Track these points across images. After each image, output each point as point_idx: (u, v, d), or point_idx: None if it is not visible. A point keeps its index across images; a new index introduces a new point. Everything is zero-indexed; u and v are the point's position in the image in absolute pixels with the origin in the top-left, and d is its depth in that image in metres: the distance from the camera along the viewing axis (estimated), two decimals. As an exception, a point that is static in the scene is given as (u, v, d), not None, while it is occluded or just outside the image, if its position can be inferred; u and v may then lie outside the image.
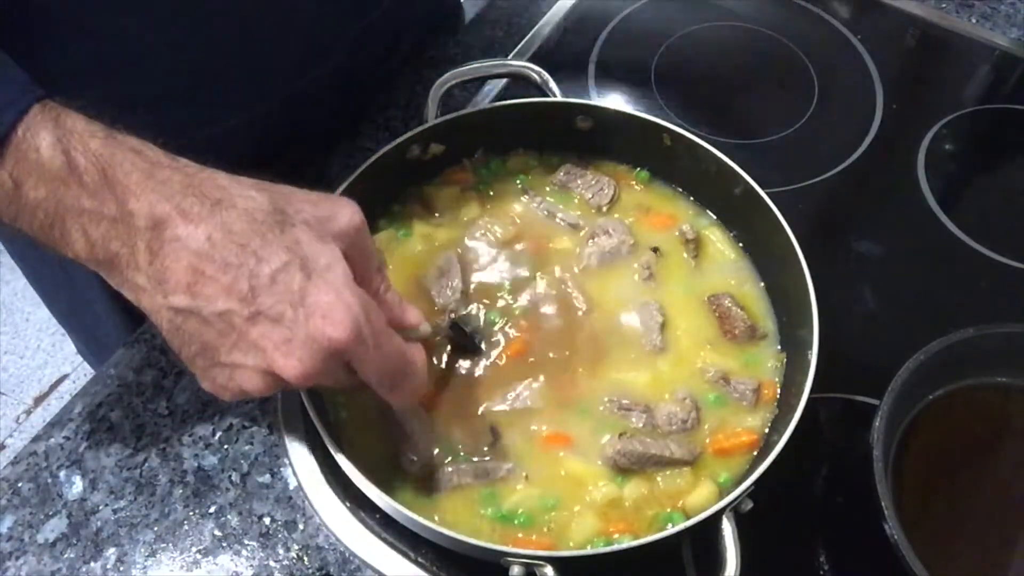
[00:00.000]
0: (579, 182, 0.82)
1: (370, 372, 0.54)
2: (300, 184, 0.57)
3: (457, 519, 0.63)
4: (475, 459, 0.66)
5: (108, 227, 0.50)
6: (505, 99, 0.94)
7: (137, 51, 0.68)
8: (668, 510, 0.64)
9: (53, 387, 2.01)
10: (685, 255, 0.77)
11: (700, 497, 0.64)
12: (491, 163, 0.83)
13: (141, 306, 0.52)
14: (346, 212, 0.55)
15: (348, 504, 0.69)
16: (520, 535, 0.63)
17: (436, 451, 0.66)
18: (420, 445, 0.65)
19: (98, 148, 0.50)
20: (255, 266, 0.50)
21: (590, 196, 0.81)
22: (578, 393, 0.69)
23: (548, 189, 0.82)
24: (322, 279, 0.51)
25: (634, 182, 0.83)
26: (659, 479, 0.65)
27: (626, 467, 0.65)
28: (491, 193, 0.82)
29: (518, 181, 0.82)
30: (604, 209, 0.80)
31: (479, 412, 0.68)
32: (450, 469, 0.65)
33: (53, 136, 0.49)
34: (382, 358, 0.53)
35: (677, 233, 0.78)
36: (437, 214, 0.80)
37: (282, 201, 0.53)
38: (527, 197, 0.81)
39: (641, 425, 0.67)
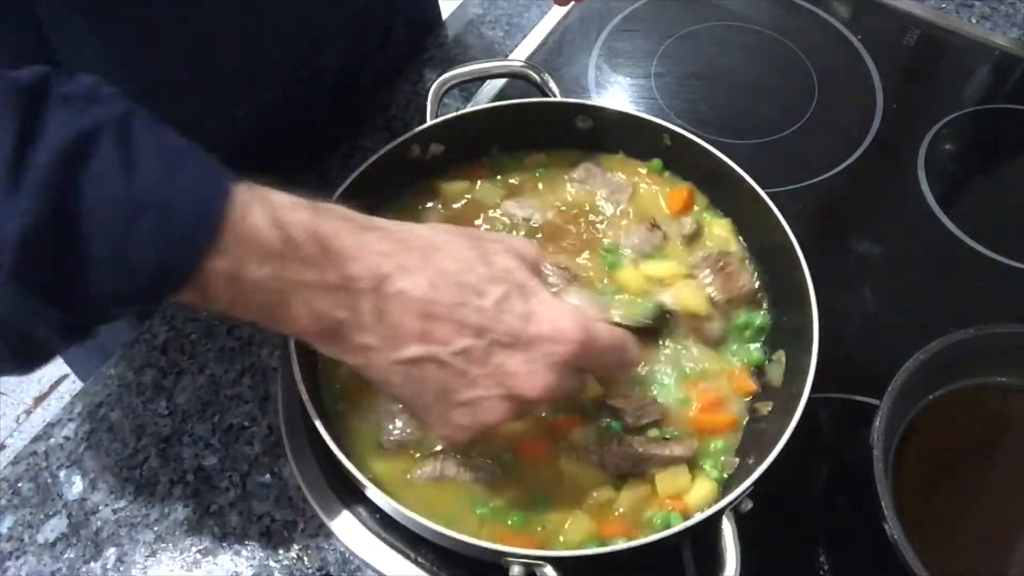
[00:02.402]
0: (597, 180, 0.81)
1: (602, 365, 0.58)
2: (301, 185, 0.56)
3: (449, 515, 0.63)
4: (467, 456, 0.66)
5: (332, 296, 0.50)
6: (505, 99, 0.94)
7: (144, 41, 0.68)
8: (667, 511, 0.64)
9: (53, 387, 2.01)
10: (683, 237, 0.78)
11: (699, 496, 0.64)
12: (506, 159, 0.83)
13: (369, 369, 0.53)
14: (526, 243, 0.59)
15: (348, 504, 0.69)
16: (512, 535, 0.63)
17: (411, 431, 0.66)
18: (401, 419, 0.66)
19: (309, 220, 0.49)
20: (479, 300, 0.52)
21: (608, 194, 0.80)
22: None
23: (568, 187, 0.82)
24: (538, 298, 0.54)
25: (650, 184, 0.82)
26: (657, 482, 0.65)
27: (627, 471, 0.65)
28: (511, 181, 0.82)
29: (537, 173, 0.82)
30: (619, 209, 0.79)
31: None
32: (439, 462, 0.65)
33: (266, 213, 0.47)
34: (609, 349, 0.56)
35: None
36: (455, 204, 0.80)
37: (476, 238, 0.56)
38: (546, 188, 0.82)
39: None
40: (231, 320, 0.79)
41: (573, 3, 0.90)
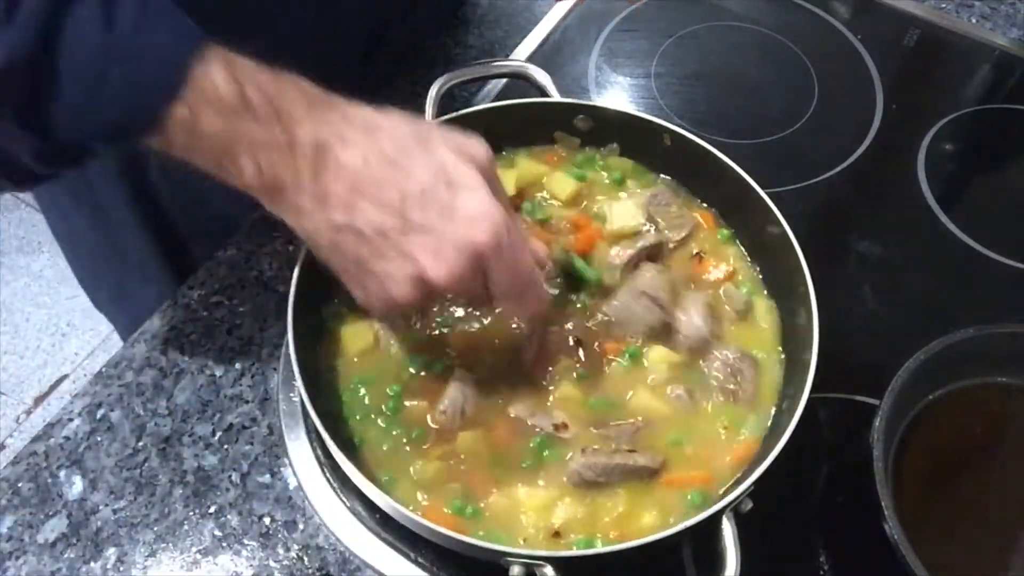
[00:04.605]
0: (661, 208, 0.79)
1: (503, 280, 0.58)
2: None
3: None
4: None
5: (276, 154, 0.54)
6: (505, 99, 0.94)
7: None
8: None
9: (53, 387, 2.01)
10: (727, 308, 0.74)
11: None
12: (594, 157, 0.83)
13: (302, 228, 0.57)
14: (480, 143, 0.60)
15: (348, 504, 0.69)
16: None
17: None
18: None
19: (266, 82, 0.54)
20: (406, 182, 0.55)
21: (663, 226, 0.78)
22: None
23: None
24: (468, 192, 0.56)
25: (711, 229, 0.79)
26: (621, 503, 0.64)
27: (592, 480, 0.64)
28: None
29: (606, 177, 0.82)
30: (671, 246, 0.77)
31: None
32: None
33: (227, 71, 0.52)
34: (516, 268, 0.58)
35: (722, 292, 0.75)
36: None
37: (423, 129, 0.59)
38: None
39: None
40: (230, 320, 0.79)
41: (574, 1, 0.90)
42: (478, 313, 0.72)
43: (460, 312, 0.72)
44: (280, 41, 0.75)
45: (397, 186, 0.55)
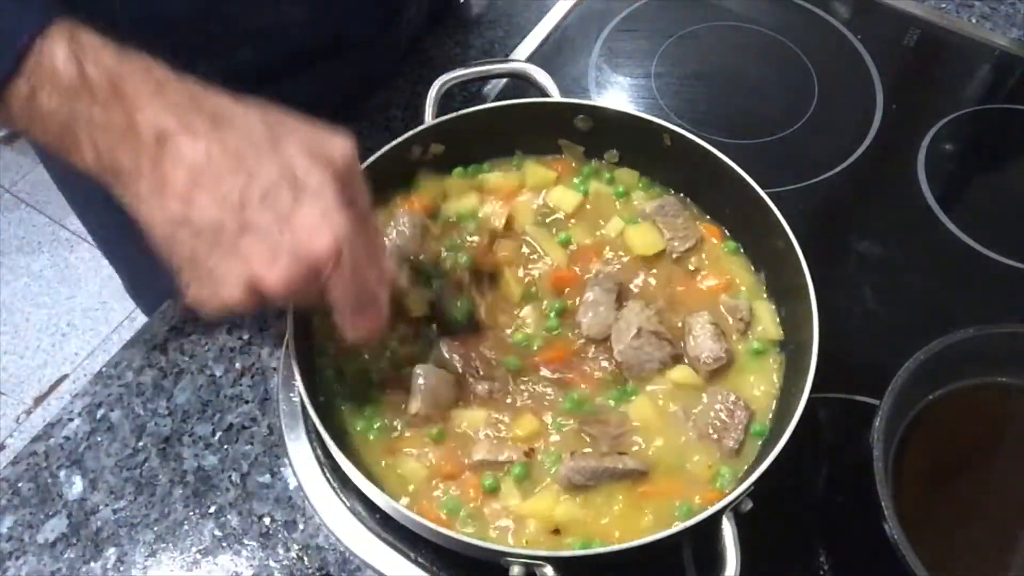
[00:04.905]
0: (668, 219, 0.78)
1: (339, 295, 0.56)
2: None
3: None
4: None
5: (116, 138, 0.52)
6: (505, 99, 0.94)
7: None
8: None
9: (53, 387, 2.01)
10: (731, 321, 0.74)
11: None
12: (599, 170, 0.83)
13: (140, 217, 0.55)
14: (339, 141, 0.57)
15: (348, 504, 0.69)
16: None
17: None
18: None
19: (110, 63, 0.52)
20: (247, 181, 0.52)
21: (668, 236, 0.77)
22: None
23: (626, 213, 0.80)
24: (312, 198, 0.53)
25: (717, 242, 0.79)
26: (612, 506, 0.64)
27: (581, 484, 0.64)
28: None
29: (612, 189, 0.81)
30: (673, 257, 0.77)
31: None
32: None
33: (68, 50, 0.51)
34: (355, 285, 0.56)
35: (722, 307, 0.74)
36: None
37: (278, 124, 0.56)
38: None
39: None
40: (230, 320, 0.79)
41: (574, 1, 0.90)
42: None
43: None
44: (273, 44, 0.75)
45: (238, 184, 0.52)
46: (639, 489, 0.65)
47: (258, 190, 0.52)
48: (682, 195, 0.81)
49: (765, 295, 0.75)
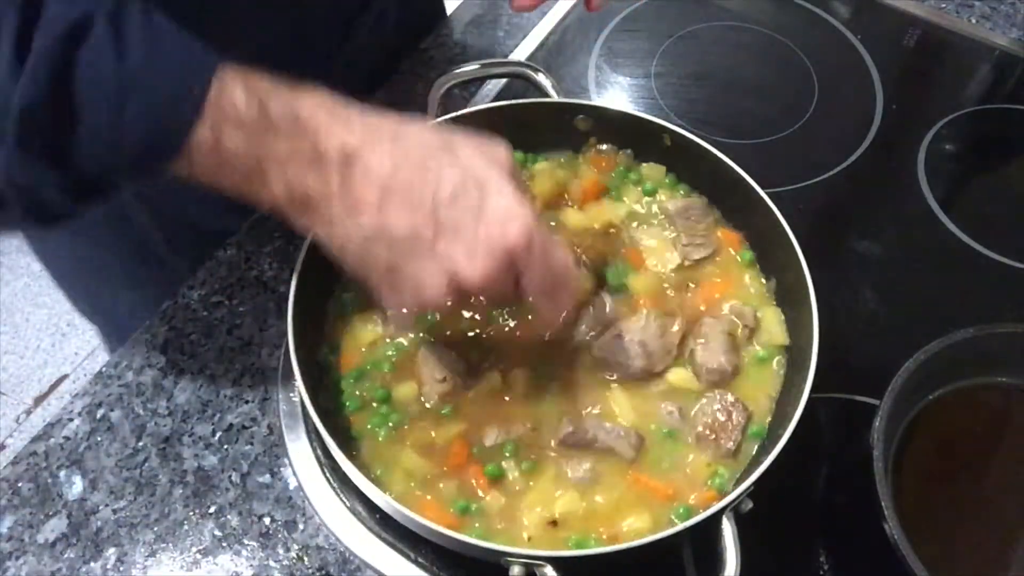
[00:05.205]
0: (689, 223, 0.77)
1: (536, 278, 0.58)
2: None
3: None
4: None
5: (304, 167, 0.54)
6: (505, 99, 0.94)
7: None
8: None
9: (53, 387, 2.01)
10: (738, 327, 0.72)
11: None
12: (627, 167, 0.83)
13: (332, 238, 0.57)
14: (502, 146, 0.60)
15: (348, 504, 0.69)
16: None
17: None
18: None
19: (286, 96, 0.54)
20: (435, 185, 0.55)
21: (685, 242, 0.77)
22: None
23: (651, 209, 0.80)
24: (497, 193, 0.56)
25: (734, 251, 0.78)
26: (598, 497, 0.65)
27: (572, 444, 0.66)
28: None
29: (638, 184, 0.81)
30: (685, 263, 0.76)
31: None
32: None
33: (245, 89, 0.52)
34: (549, 266, 0.58)
35: (727, 310, 0.74)
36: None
37: (447, 134, 0.59)
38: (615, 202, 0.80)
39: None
40: (230, 320, 0.79)
41: (574, 2, 0.90)
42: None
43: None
44: (260, 48, 0.74)
45: (427, 189, 0.55)
46: (632, 474, 0.65)
47: (446, 191, 0.55)
48: (707, 200, 0.80)
49: (774, 301, 0.75)
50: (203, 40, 0.53)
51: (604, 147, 0.83)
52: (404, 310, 0.61)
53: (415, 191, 0.54)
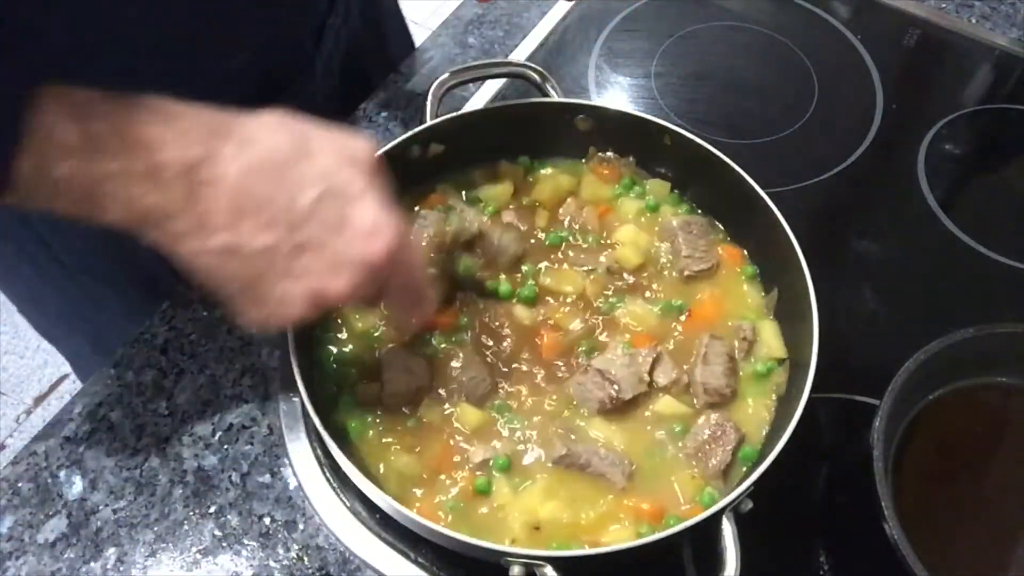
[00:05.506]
0: (691, 238, 0.77)
1: (398, 288, 0.57)
2: None
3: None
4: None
5: (140, 184, 0.50)
6: (505, 99, 0.94)
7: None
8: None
9: (53, 387, 2.01)
10: (735, 342, 0.72)
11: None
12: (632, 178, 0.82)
13: (179, 255, 0.53)
14: (361, 141, 0.57)
15: (348, 504, 0.69)
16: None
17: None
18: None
19: (114, 112, 0.50)
20: (291, 196, 0.51)
21: (685, 256, 0.76)
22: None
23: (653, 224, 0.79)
24: (360, 202, 0.53)
25: (737, 268, 0.78)
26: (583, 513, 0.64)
27: (566, 466, 0.65)
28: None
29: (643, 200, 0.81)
30: (684, 274, 0.76)
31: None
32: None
33: (67, 110, 0.49)
34: (409, 278, 0.57)
35: (729, 328, 0.73)
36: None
37: (301, 133, 0.54)
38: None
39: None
40: (230, 320, 0.79)
41: (575, 1, 0.89)
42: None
43: None
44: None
45: (282, 201, 0.51)
46: (621, 497, 0.65)
47: (304, 203, 0.52)
48: (711, 217, 0.80)
49: (772, 314, 0.75)
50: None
51: (608, 154, 0.83)
52: (260, 326, 0.57)
53: (270, 203, 0.51)
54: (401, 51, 1.04)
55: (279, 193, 0.51)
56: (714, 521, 0.58)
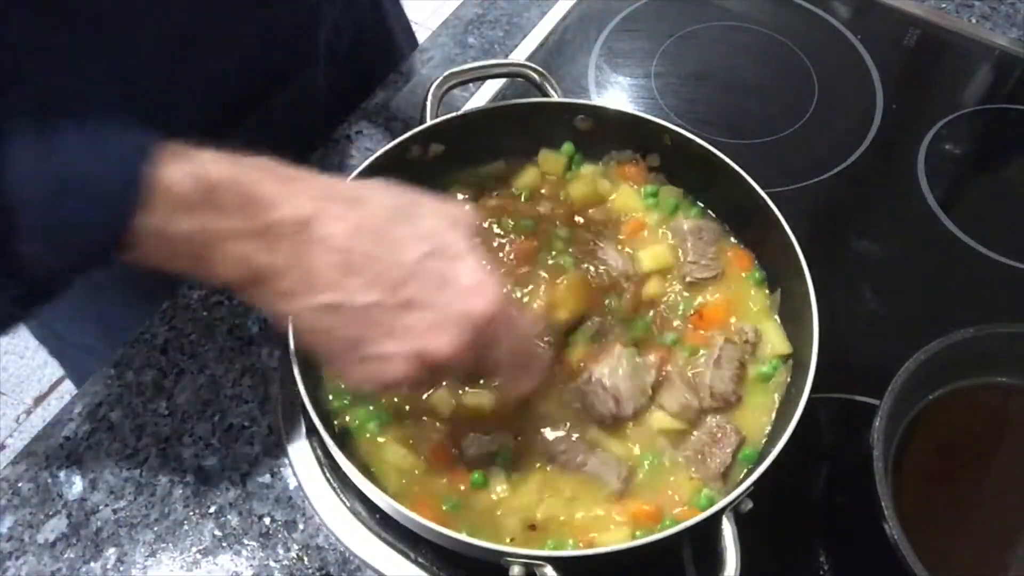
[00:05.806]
0: (700, 244, 0.76)
1: (506, 351, 0.56)
2: None
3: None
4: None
5: (253, 242, 0.51)
6: (505, 99, 0.94)
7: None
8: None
9: (53, 387, 2.01)
10: (737, 343, 0.72)
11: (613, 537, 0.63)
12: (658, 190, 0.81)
13: (283, 314, 0.54)
14: (463, 207, 0.59)
15: (348, 504, 0.69)
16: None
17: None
18: None
19: (230, 171, 0.51)
20: (397, 255, 0.52)
21: (691, 261, 0.76)
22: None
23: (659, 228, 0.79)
24: (463, 261, 0.53)
25: (744, 273, 0.77)
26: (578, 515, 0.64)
27: (563, 464, 0.65)
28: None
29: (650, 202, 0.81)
30: (687, 280, 0.75)
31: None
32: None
33: (186, 168, 0.49)
34: (520, 338, 0.56)
35: (738, 332, 0.73)
36: None
37: (403, 197, 0.56)
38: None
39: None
40: (229, 320, 0.79)
41: (574, 1, 0.89)
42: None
43: None
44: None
45: (387, 259, 0.52)
46: (617, 500, 0.65)
47: (409, 261, 0.52)
48: (724, 224, 0.80)
49: (775, 314, 0.74)
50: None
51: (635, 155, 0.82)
52: (371, 388, 0.57)
53: (376, 261, 0.52)
54: (407, 47, 1.04)
55: (385, 252, 0.52)
56: (714, 521, 0.58)
